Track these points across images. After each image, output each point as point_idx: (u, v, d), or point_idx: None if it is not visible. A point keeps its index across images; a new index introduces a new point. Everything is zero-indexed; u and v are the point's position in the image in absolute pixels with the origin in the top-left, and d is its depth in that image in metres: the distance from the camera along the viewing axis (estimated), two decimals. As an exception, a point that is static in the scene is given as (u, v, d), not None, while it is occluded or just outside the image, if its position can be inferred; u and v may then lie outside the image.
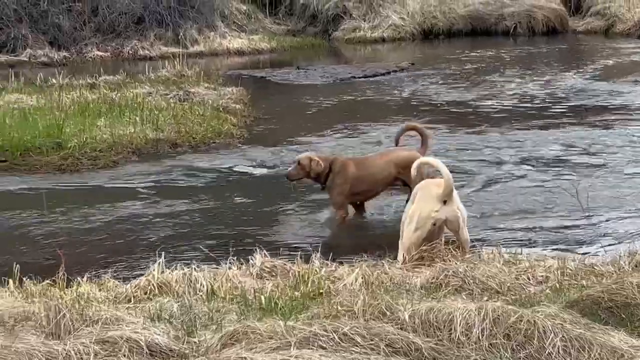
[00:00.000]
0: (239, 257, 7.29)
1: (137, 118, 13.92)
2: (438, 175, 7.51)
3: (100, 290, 6.58)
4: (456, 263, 6.81)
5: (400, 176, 9.11)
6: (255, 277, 6.89)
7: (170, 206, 9.93)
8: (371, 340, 5.06)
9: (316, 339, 5.06)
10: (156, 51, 24.76)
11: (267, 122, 15.25)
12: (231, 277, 6.78)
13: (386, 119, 14.89)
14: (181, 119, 14.24)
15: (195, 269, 6.78)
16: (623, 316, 5.57)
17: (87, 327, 5.37)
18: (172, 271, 6.69)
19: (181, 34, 25.37)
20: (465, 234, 7.21)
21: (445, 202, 7.05)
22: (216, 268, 7.02)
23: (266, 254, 7.18)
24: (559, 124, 14.08)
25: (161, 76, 18.84)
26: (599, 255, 7.49)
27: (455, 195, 7.15)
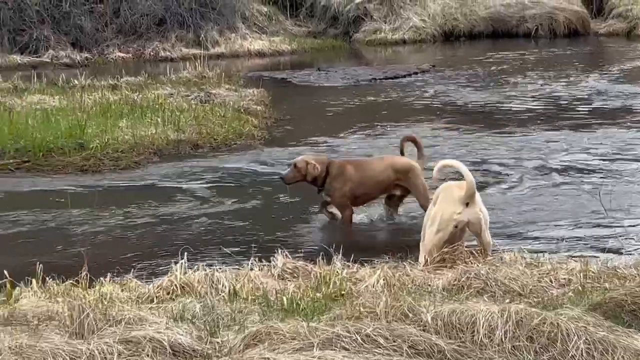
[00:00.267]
0: (261, 258, 7.28)
1: (158, 119, 13.97)
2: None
3: (123, 291, 6.58)
4: (478, 265, 6.78)
5: (398, 182, 9.09)
6: (276, 278, 6.88)
7: (191, 207, 9.95)
8: (394, 341, 5.06)
9: (339, 340, 5.06)
10: (177, 52, 24.86)
11: (288, 123, 15.27)
12: (253, 278, 6.77)
13: (407, 121, 14.88)
14: (202, 120, 14.28)
15: (217, 269, 6.78)
16: (646, 319, 5.55)
17: (110, 327, 5.39)
18: (195, 272, 6.68)
19: (202, 35, 25.45)
20: (487, 236, 7.18)
21: (467, 204, 7.02)
22: (238, 269, 7.03)
23: (288, 255, 7.17)
24: (583, 126, 14.04)
25: (182, 77, 18.91)
26: (621, 258, 7.45)
27: (478, 197, 7.12)
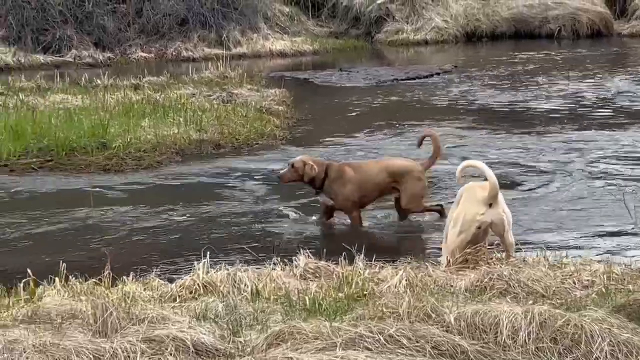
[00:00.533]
0: (283, 257, 7.29)
1: (180, 119, 14.00)
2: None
3: (146, 290, 6.60)
4: (501, 266, 6.76)
5: (395, 185, 9.06)
6: (298, 277, 6.88)
7: (213, 206, 9.96)
8: (417, 342, 5.06)
9: (362, 340, 5.06)
10: (199, 52, 24.91)
11: (310, 123, 15.28)
12: (275, 278, 6.78)
13: (429, 121, 14.84)
14: (224, 120, 14.30)
15: (239, 269, 6.79)
16: (671, 321, 5.51)
17: (133, 325, 5.41)
18: (217, 271, 6.70)
19: (224, 35, 25.49)
20: (510, 237, 7.15)
21: (490, 205, 7.00)
22: (260, 268, 7.03)
23: (310, 255, 7.17)
24: (609, 126, 13.98)
25: (204, 77, 18.94)
26: (645, 259, 7.42)
27: (501, 198, 7.10)
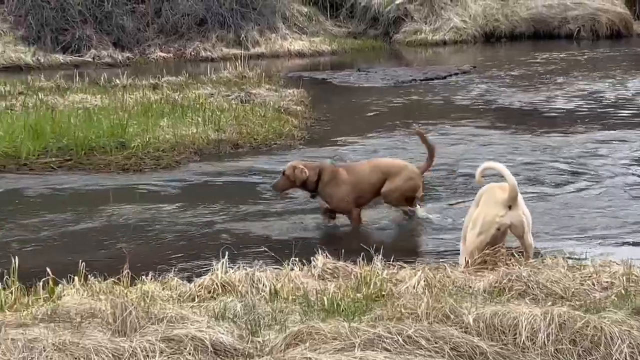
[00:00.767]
0: (301, 258, 7.29)
1: (199, 119, 14.03)
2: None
3: (164, 289, 6.61)
4: (519, 267, 6.74)
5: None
6: (317, 278, 6.89)
7: (231, 206, 9.97)
8: (435, 343, 5.05)
9: (380, 340, 5.06)
10: (218, 52, 24.97)
11: (328, 123, 15.28)
12: (293, 278, 6.78)
13: (447, 121, 14.83)
14: (242, 120, 14.32)
15: (257, 269, 6.80)
16: (691, 324, 5.48)
17: (152, 325, 5.42)
18: (235, 271, 6.71)
19: (243, 35, 25.54)
20: (529, 238, 7.14)
21: (510, 206, 6.99)
22: (278, 269, 7.03)
23: (328, 255, 7.17)
24: (630, 126, 13.92)
25: (223, 77, 18.98)
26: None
27: (521, 199, 7.08)
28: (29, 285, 6.61)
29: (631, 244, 8.32)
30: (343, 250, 7.38)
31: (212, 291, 6.43)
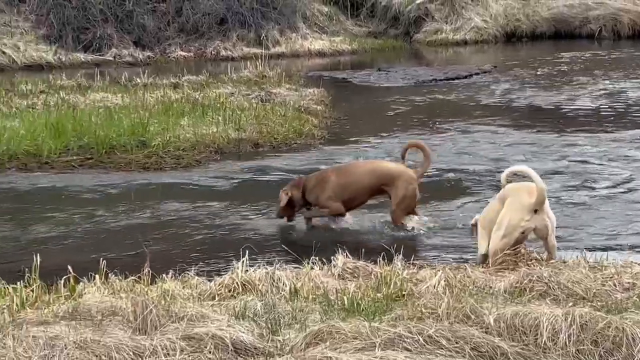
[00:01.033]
0: (321, 257, 7.28)
1: (219, 118, 14.06)
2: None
3: (185, 288, 6.63)
4: (540, 268, 6.72)
5: (384, 188, 9.01)
6: (337, 277, 6.88)
7: (251, 205, 9.98)
8: (456, 343, 5.04)
9: (401, 340, 5.05)
10: (238, 52, 25.00)
11: (348, 123, 15.27)
12: (313, 277, 6.78)
13: (468, 121, 14.79)
14: (263, 119, 14.34)
15: (278, 268, 6.80)
16: None
17: (172, 323, 5.44)
18: (255, 270, 6.72)
19: (263, 35, 25.56)
20: (552, 240, 7.13)
21: (535, 210, 6.97)
22: (298, 268, 7.04)
23: (348, 254, 7.17)
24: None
25: (243, 77, 19.00)
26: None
27: (546, 203, 7.06)
28: (50, 283, 6.64)
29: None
30: (363, 249, 7.38)
31: (232, 290, 6.43)
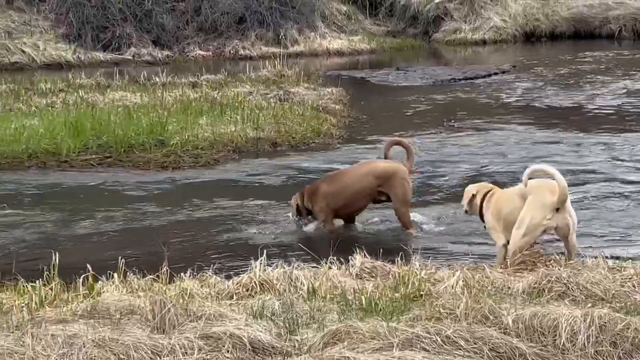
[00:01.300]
0: (339, 257, 7.28)
1: (237, 117, 14.08)
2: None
3: (203, 287, 6.64)
4: (559, 268, 6.69)
5: (382, 189, 8.99)
6: (354, 277, 6.88)
7: (269, 204, 9.98)
8: (474, 343, 5.03)
9: (419, 340, 5.05)
10: (257, 51, 25.01)
11: (366, 122, 15.25)
12: (331, 277, 6.77)
13: (487, 121, 14.75)
14: (281, 118, 14.34)
15: (295, 267, 6.80)
16: None
17: (191, 322, 5.45)
18: (273, 269, 6.72)
19: (282, 34, 25.57)
20: (573, 239, 7.11)
21: (557, 209, 6.96)
22: (316, 267, 7.03)
23: (366, 254, 7.16)
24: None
25: (261, 76, 19.01)
26: None
27: (568, 201, 7.04)
28: (69, 281, 6.66)
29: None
30: (381, 249, 7.36)
31: (250, 289, 6.44)
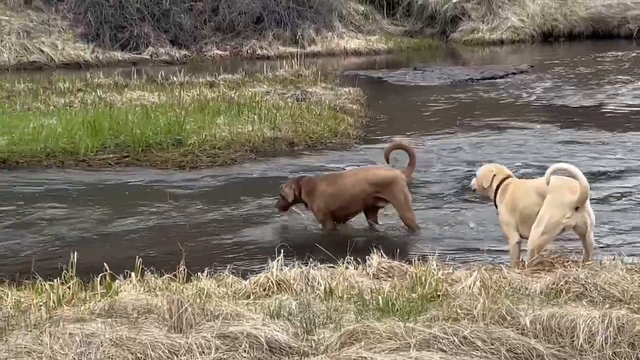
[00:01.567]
0: (356, 257, 7.27)
1: (255, 117, 14.08)
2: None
3: (220, 286, 6.64)
4: (577, 269, 6.67)
5: (379, 195, 8.99)
6: (371, 277, 6.87)
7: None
8: (492, 344, 5.01)
9: (436, 341, 5.04)
10: (274, 51, 25.03)
11: (384, 122, 15.24)
12: (348, 277, 6.77)
13: (505, 122, 14.71)
14: (298, 118, 14.34)
15: (312, 267, 6.80)
16: None
17: (208, 321, 5.45)
18: (290, 269, 6.72)
19: (299, 34, 25.59)
20: (591, 237, 7.11)
21: (576, 208, 6.94)
22: (333, 267, 7.02)
23: (383, 254, 7.15)
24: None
25: (279, 76, 19.03)
26: None
27: (587, 200, 7.02)
28: (86, 280, 6.68)
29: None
30: (398, 249, 7.35)
31: (267, 289, 6.44)
